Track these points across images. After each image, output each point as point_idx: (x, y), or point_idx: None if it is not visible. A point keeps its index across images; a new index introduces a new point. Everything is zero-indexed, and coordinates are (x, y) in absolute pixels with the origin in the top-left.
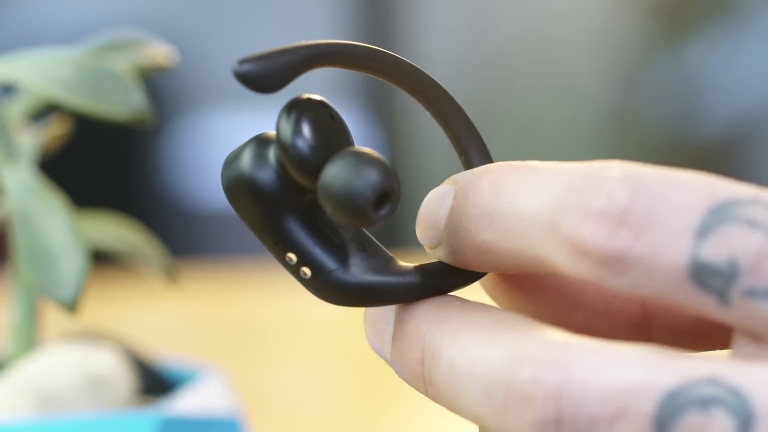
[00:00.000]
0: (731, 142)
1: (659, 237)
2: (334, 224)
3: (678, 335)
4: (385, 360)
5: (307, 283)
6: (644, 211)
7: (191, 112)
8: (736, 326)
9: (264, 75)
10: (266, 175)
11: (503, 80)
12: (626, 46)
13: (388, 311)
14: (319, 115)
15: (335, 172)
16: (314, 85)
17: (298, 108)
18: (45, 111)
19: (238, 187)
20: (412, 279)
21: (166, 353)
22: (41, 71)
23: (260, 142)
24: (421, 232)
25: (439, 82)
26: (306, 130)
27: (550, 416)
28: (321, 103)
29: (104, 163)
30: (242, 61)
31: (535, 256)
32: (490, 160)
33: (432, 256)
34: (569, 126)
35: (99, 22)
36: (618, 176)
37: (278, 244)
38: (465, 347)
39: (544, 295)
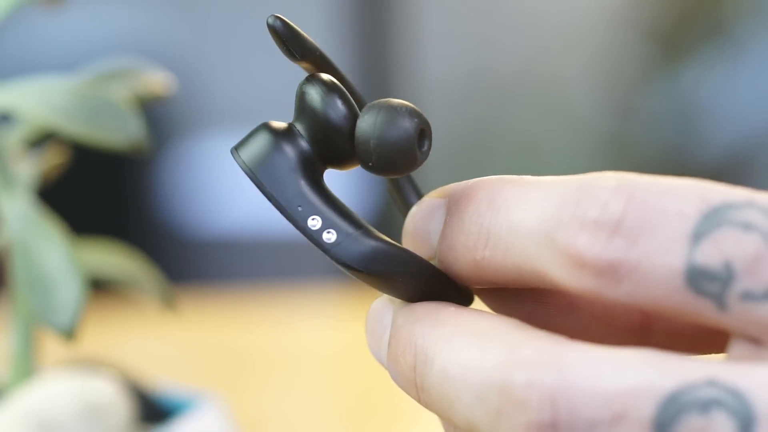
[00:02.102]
0: (728, 167)
1: (654, 244)
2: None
3: (677, 340)
4: (384, 366)
5: (331, 246)
6: (639, 220)
7: (188, 139)
8: (734, 330)
9: (288, 39)
10: (291, 148)
11: (499, 104)
12: (622, 70)
13: (386, 316)
14: (334, 81)
15: (372, 122)
16: None
17: (317, 80)
18: (43, 139)
19: (263, 161)
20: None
21: (164, 381)
22: (39, 99)
23: (269, 126)
24: (410, 247)
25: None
26: (336, 92)
27: (546, 420)
28: (327, 76)
29: (101, 189)
30: (277, 18)
31: (533, 270)
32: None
33: None
34: (565, 150)
35: (97, 47)
36: (612, 186)
37: (302, 207)
38: (458, 352)
39: (539, 298)
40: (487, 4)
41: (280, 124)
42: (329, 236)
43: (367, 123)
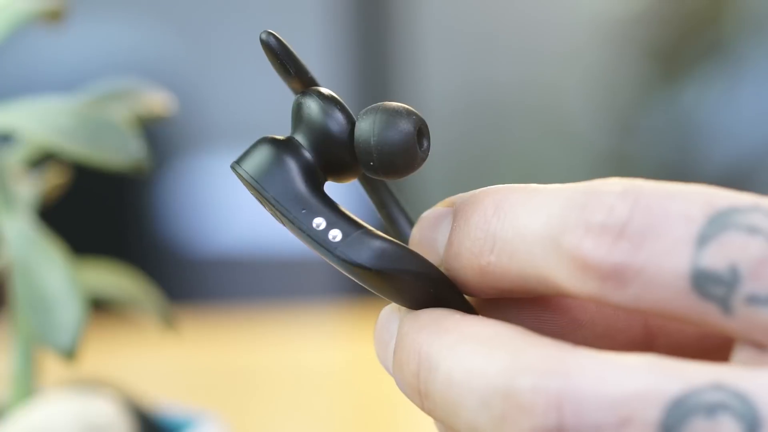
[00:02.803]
0: (727, 184)
1: (660, 248)
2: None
3: (680, 354)
4: (390, 374)
5: (337, 245)
6: (644, 223)
7: (188, 157)
8: (738, 335)
9: (282, 54)
10: (292, 157)
11: (499, 121)
12: (622, 87)
13: (393, 324)
14: (331, 92)
15: (371, 121)
16: None
17: (314, 91)
18: (43, 159)
19: (265, 170)
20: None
21: (164, 400)
22: (40, 120)
23: (269, 138)
24: None
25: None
26: (334, 101)
27: (552, 425)
28: (324, 89)
29: (101, 209)
30: (270, 34)
31: (538, 276)
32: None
33: None
34: (564, 167)
35: (97, 67)
36: (618, 190)
37: (306, 210)
38: (463, 359)
39: (542, 314)
40: (487, 21)
41: (280, 137)
42: (335, 235)
43: (366, 123)
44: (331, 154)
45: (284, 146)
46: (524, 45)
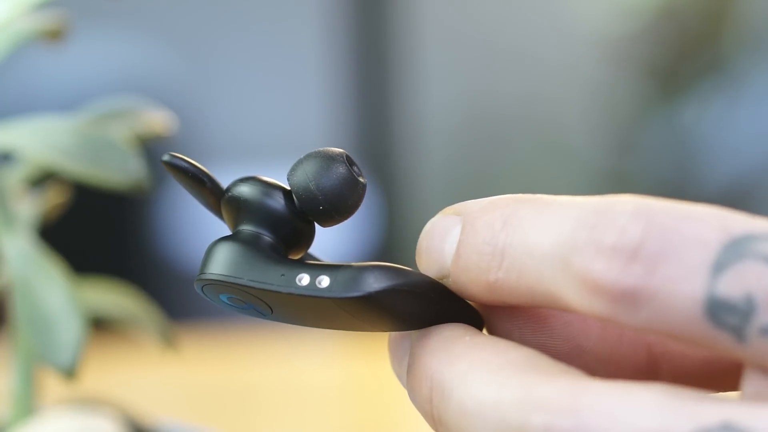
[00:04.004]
0: (727, 203)
1: (674, 272)
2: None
3: (685, 381)
4: (405, 388)
5: (329, 289)
6: (658, 246)
7: None
8: (751, 362)
9: (191, 169)
10: (248, 243)
11: (497, 139)
12: (621, 106)
13: (406, 339)
14: (248, 176)
15: (302, 173)
16: (309, 143)
17: (236, 183)
18: (44, 178)
19: (229, 264)
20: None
21: (164, 419)
22: (40, 139)
23: (219, 239)
24: (424, 264)
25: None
26: (256, 180)
27: None
28: (238, 179)
29: (101, 228)
30: (173, 156)
31: (547, 293)
32: None
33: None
34: (563, 185)
35: (98, 85)
36: (630, 210)
37: (285, 274)
38: (475, 389)
39: (546, 340)
40: (487, 36)
41: (226, 235)
42: (322, 282)
43: (298, 175)
44: (279, 222)
45: (234, 237)
46: (524, 60)
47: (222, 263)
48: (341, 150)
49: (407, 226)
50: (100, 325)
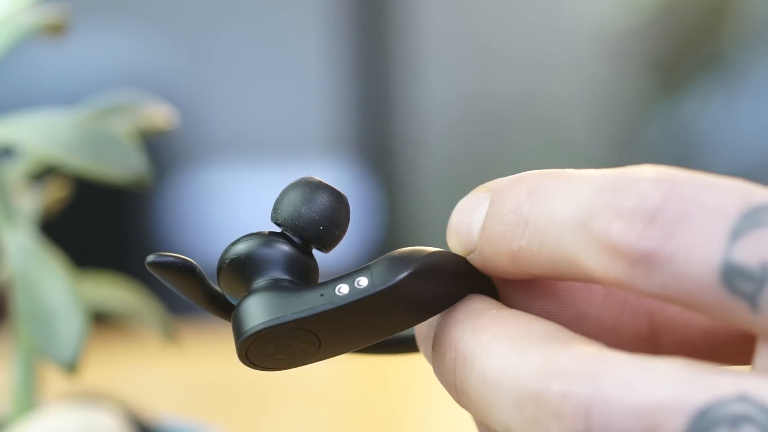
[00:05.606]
0: None
1: (691, 237)
2: None
3: (687, 351)
4: (430, 363)
5: (371, 286)
6: (677, 212)
7: (189, 170)
8: (763, 332)
9: (178, 262)
10: (272, 283)
11: (499, 134)
12: (622, 101)
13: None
14: (239, 238)
15: (289, 206)
16: (309, 139)
17: (231, 246)
18: (45, 173)
19: (267, 310)
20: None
21: (166, 413)
22: (41, 133)
23: (246, 296)
24: (453, 240)
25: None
26: (247, 239)
27: (580, 431)
28: (230, 248)
29: (102, 222)
30: (158, 254)
31: (567, 260)
32: None
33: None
34: None
35: (99, 80)
36: (651, 177)
37: (324, 294)
38: (497, 358)
39: (551, 306)
40: (488, 32)
41: (245, 295)
42: (361, 283)
43: (285, 210)
44: (288, 261)
45: (255, 291)
46: (525, 56)
47: (259, 314)
48: (308, 175)
49: (408, 224)
50: (101, 320)
